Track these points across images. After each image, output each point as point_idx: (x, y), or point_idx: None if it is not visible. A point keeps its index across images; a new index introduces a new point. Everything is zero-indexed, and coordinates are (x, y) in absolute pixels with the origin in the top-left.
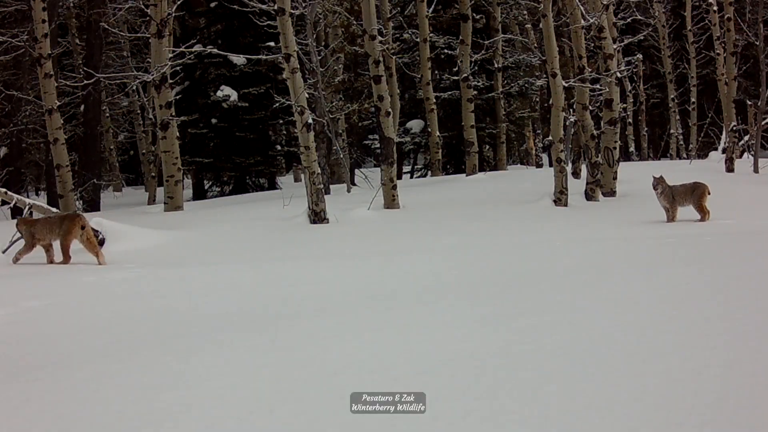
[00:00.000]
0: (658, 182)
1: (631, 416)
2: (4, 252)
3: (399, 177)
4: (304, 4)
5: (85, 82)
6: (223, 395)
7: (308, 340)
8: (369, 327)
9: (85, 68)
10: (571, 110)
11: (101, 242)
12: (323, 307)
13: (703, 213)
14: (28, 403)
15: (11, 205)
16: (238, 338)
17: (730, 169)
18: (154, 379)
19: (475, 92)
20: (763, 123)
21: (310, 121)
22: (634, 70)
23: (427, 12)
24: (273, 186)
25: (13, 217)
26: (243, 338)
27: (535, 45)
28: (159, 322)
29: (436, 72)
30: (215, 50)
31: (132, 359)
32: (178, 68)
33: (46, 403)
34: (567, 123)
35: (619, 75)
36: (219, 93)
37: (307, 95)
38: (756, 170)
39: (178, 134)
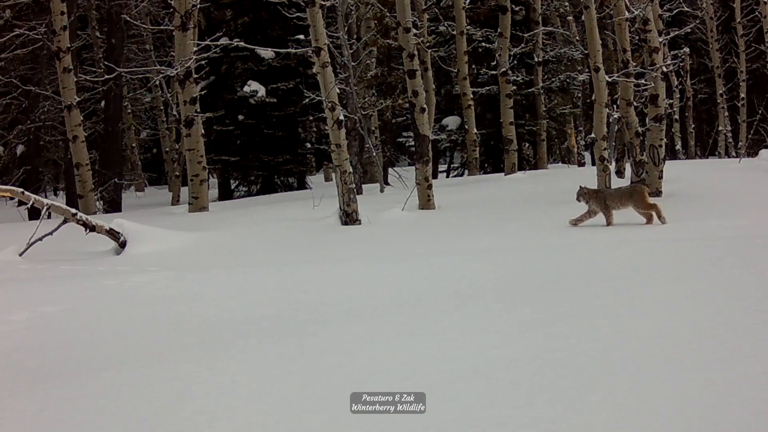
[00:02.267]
0: (580, 194)
1: (674, 426)
2: (21, 255)
3: (434, 176)
4: None
5: (106, 76)
6: (249, 404)
7: (337, 346)
8: (401, 333)
9: (105, 62)
10: (614, 106)
11: (122, 244)
12: (353, 312)
13: (650, 217)
14: (44, 412)
15: (29, 205)
16: (265, 344)
17: None
18: (177, 388)
19: (515, 87)
20: None
21: (342, 117)
22: (681, 64)
23: (464, 3)
24: (303, 186)
25: (30, 218)
26: (269, 344)
27: (577, 38)
28: (182, 327)
29: (474, 66)
30: (242, 43)
31: (153, 366)
32: (203, 62)
33: (64, 412)
34: (610, 120)
35: (665, 69)
36: (246, 88)
37: (338, 91)
38: None
39: (203, 131)
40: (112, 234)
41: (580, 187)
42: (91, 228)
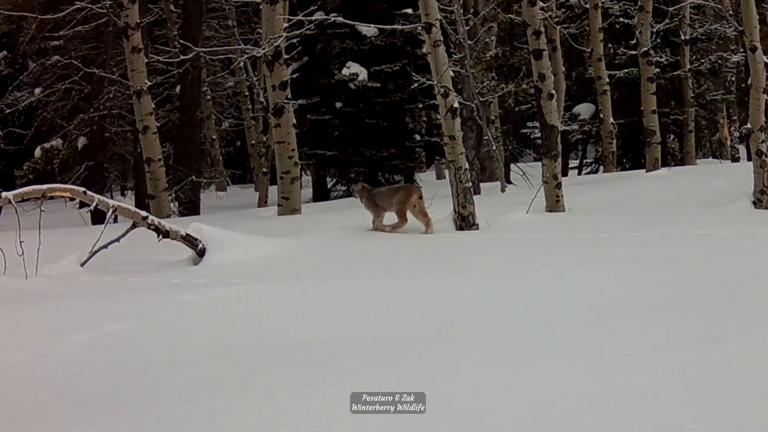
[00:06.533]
0: (355, 191)
1: None
2: (82, 265)
3: (564, 173)
4: None
5: (182, 57)
6: None
7: (452, 371)
8: (525, 355)
9: (181, 41)
10: None
11: (201, 253)
12: (469, 332)
13: (404, 221)
14: None
15: (91, 207)
16: (365, 369)
17: None
18: (264, 419)
19: (658, 70)
20: None
21: (456, 105)
22: None
23: None
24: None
25: (94, 222)
26: (371, 369)
27: (731, 12)
28: (269, 349)
29: (610, 45)
30: (340, 18)
31: (237, 395)
32: (294, 41)
33: None
34: None
35: None
36: (345, 71)
37: (452, 74)
38: None
39: (294, 121)
40: (189, 240)
41: (358, 182)
42: (164, 233)
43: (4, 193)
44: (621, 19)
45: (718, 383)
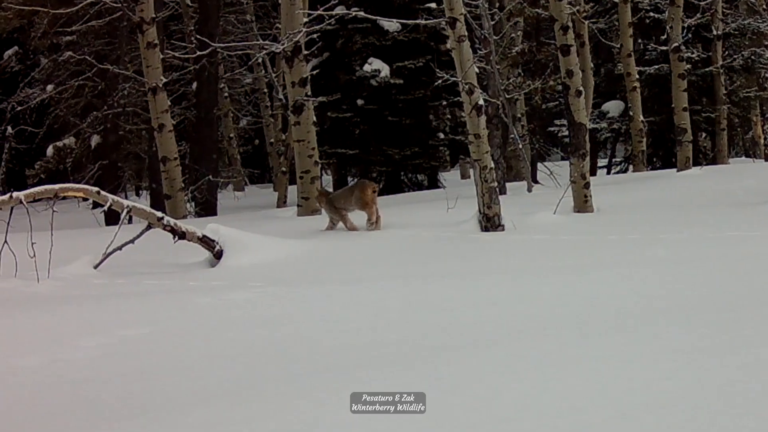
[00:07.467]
0: (316, 199)
1: None
2: (96, 267)
3: (593, 173)
4: None
5: (199, 53)
6: None
7: (476, 377)
8: (553, 361)
9: (198, 36)
10: None
11: (218, 255)
12: (495, 336)
13: (372, 214)
14: None
15: (105, 208)
16: (388, 375)
17: None
18: (282, 427)
19: (689, 66)
20: None
21: (481, 102)
22: None
23: None
24: (434, 184)
25: (107, 223)
26: (393, 375)
27: (765, 6)
28: (288, 354)
29: (640, 41)
30: (362, 13)
31: (255, 401)
32: (314, 36)
33: None
34: None
35: None
36: (366, 67)
37: (477, 70)
38: None
39: (315, 119)
40: (206, 242)
41: (316, 189)
42: (180, 235)
43: (15, 193)
44: (651, 14)
45: (750, 389)
